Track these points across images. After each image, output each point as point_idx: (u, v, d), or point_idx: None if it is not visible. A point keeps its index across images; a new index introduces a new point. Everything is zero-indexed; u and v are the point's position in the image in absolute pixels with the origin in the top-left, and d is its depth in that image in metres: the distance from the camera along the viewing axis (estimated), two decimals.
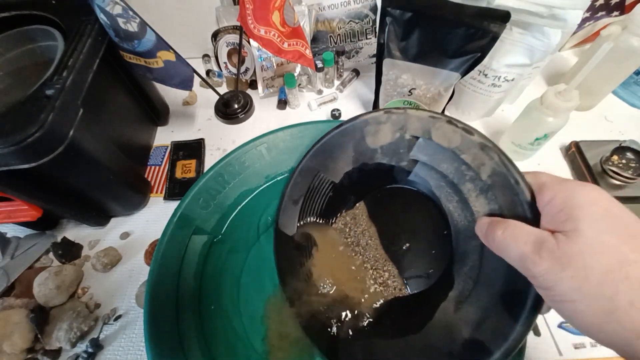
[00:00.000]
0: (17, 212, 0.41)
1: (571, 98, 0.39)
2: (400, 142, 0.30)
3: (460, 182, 0.28)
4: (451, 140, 0.27)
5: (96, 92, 0.38)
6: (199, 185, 0.38)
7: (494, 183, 0.25)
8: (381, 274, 0.33)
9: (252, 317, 0.35)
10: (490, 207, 0.25)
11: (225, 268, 0.38)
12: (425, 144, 0.29)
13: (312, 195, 0.35)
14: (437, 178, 0.30)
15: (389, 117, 0.29)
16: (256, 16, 0.44)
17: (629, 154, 0.44)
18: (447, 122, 0.27)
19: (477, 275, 0.27)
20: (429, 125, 0.28)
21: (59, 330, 0.36)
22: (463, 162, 0.27)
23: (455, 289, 0.29)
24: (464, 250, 0.29)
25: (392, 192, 0.34)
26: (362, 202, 0.36)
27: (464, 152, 0.26)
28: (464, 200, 0.28)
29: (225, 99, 0.57)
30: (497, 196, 0.24)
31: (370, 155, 0.32)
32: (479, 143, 0.25)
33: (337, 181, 0.34)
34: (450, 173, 0.28)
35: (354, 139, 0.32)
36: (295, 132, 0.42)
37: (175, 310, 0.33)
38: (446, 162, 0.28)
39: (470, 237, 0.28)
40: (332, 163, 0.34)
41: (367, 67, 0.62)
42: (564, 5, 0.38)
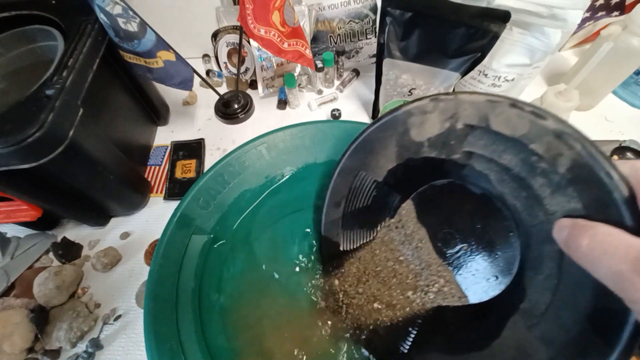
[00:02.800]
0: (17, 212, 0.41)
1: (571, 98, 0.39)
2: (451, 132, 0.26)
3: (529, 176, 0.23)
4: (516, 128, 0.22)
5: (96, 92, 0.38)
6: (199, 185, 0.38)
7: (575, 177, 0.20)
8: (435, 280, 0.30)
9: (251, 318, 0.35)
10: (571, 206, 0.20)
11: (225, 268, 0.38)
12: (483, 133, 0.25)
13: (355, 197, 0.32)
14: (499, 171, 0.25)
15: (436, 105, 0.25)
16: (256, 16, 0.44)
17: (629, 154, 0.44)
18: (510, 106, 0.22)
19: (555, 286, 0.22)
20: (486, 110, 0.24)
21: (59, 330, 0.36)
22: (533, 152, 0.22)
23: (527, 302, 0.24)
24: (537, 256, 0.24)
25: (443, 189, 0.30)
26: (409, 201, 0.32)
27: (534, 140, 0.22)
28: (535, 197, 0.23)
29: (225, 99, 0.57)
30: (581, 193, 0.20)
31: (415, 150, 0.28)
32: (554, 129, 0.21)
33: (381, 180, 0.31)
34: (516, 165, 0.24)
35: (396, 132, 0.28)
36: (295, 132, 0.42)
37: (175, 310, 0.33)
38: (510, 152, 0.24)
39: (544, 241, 0.23)
40: (374, 160, 0.30)
41: (367, 67, 0.62)
42: (564, 5, 0.38)
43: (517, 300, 0.25)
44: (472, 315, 0.28)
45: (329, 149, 0.42)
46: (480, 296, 0.28)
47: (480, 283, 0.28)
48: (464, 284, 0.29)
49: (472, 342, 0.27)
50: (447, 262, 0.30)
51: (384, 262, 0.33)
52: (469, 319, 0.28)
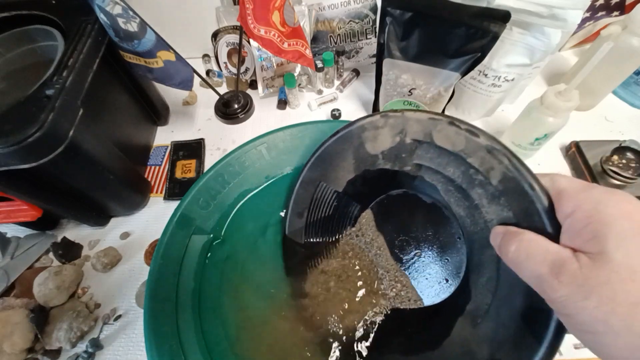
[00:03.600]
0: (17, 212, 0.41)
1: (571, 98, 0.39)
2: (401, 146, 0.28)
3: (469, 187, 0.26)
4: (455, 143, 0.25)
5: (96, 92, 0.38)
6: (199, 185, 0.38)
7: (505, 189, 0.22)
8: (393, 285, 0.32)
9: (252, 317, 0.35)
10: (504, 214, 0.23)
11: (225, 268, 0.38)
12: (428, 148, 0.27)
13: (317, 206, 0.34)
14: (445, 182, 0.28)
15: (386, 121, 0.28)
16: (256, 16, 0.44)
17: (629, 154, 0.44)
18: (449, 124, 0.25)
19: (495, 288, 0.25)
20: (429, 127, 0.26)
21: (59, 330, 0.36)
22: (470, 165, 0.24)
23: (473, 303, 0.26)
24: (479, 260, 0.26)
25: (398, 198, 0.33)
26: (368, 210, 0.34)
27: (471, 155, 0.24)
28: (475, 206, 0.25)
29: (225, 99, 0.57)
30: (511, 203, 0.22)
31: (371, 162, 0.31)
32: (486, 146, 0.23)
33: (341, 190, 0.33)
34: (458, 177, 0.26)
35: (352, 145, 0.30)
36: (295, 132, 0.42)
37: (175, 310, 0.33)
38: (452, 165, 0.26)
39: (485, 246, 0.25)
40: (333, 172, 0.32)
41: (367, 67, 0.62)
42: (564, 5, 0.38)
43: (464, 301, 0.27)
44: (427, 317, 0.30)
45: None
46: (433, 299, 0.30)
47: (433, 286, 0.30)
48: (419, 287, 0.31)
49: (426, 342, 0.29)
50: (404, 267, 0.32)
51: (346, 268, 0.34)
52: (424, 321, 0.30)
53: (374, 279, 0.33)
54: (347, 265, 0.34)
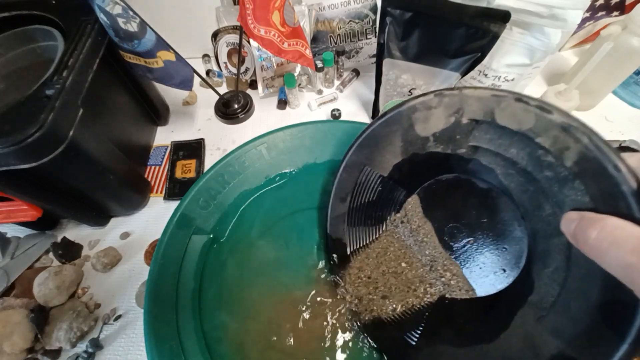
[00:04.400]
0: (17, 212, 0.41)
1: (571, 98, 0.39)
2: (456, 127, 0.26)
3: (536, 170, 0.23)
4: (522, 122, 0.23)
5: (96, 92, 0.38)
6: (199, 185, 0.38)
7: (583, 170, 0.20)
8: (442, 274, 0.30)
9: (252, 317, 0.35)
10: (579, 199, 0.21)
11: (225, 268, 0.38)
12: (488, 128, 0.25)
13: (360, 192, 0.33)
14: (505, 165, 0.26)
15: (440, 100, 0.26)
16: (256, 16, 0.44)
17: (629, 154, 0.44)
18: (515, 100, 0.22)
19: (563, 279, 0.23)
20: (491, 105, 0.24)
21: (59, 330, 0.36)
22: (539, 146, 0.22)
23: (536, 294, 0.25)
24: (544, 249, 0.24)
25: (449, 183, 0.30)
26: (414, 196, 0.32)
27: (540, 134, 0.22)
28: (542, 190, 0.23)
29: (225, 99, 0.57)
30: (589, 186, 0.20)
31: (421, 145, 0.29)
32: (561, 123, 0.21)
33: (386, 174, 0.32)
34: (522, 159, 0.24)
35: (401, 127, 0.28)
36: (295, 132, 0.42)
37: (175, 310, 0.33)
38: (516, 146, 0.24)
39: (552, 234, 0.23)
40: (379, 155, 0.31)
41: (367, 67, 0.62)
42: (564, 5, 0.38)
43: (525, 292, 0.25)
44: (481, 308, 0.29)
45: (329, 149, 0.42)
46: (487, 289, 0.28)
47: (487, 276, 0.29)
48: (471, 277, 0.29)
49: (481, 334, 0.27)
50: (454, 255, 0.30)
51: (391, 256, 0.33)
52: (477, 312, 0.29)
53: (419, 267, 0.32)
54: (393, 253, 0.33)
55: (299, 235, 0.39)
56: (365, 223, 0.34)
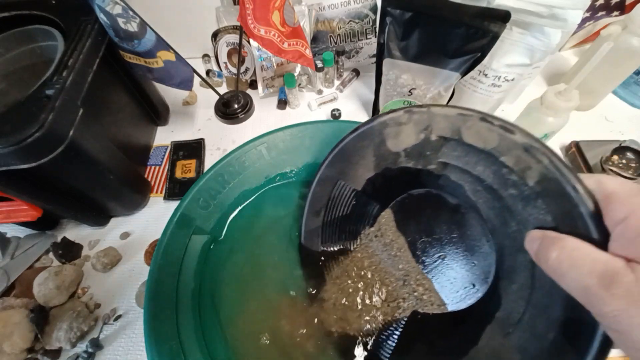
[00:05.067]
0: (17, 212, 0.41)
1: (571, 98, 0.39)
2: (426, 143, 0.27)
3: (501, 188, 0.24)
4: (487, 141, 0.23)
5: (96, 92, 0.38)
6: (199, 185, 0.38)
7: (544, 190, 0.21)
8: (414, 288, 0.30)
9: (252, 318, 0.35)
10: (541, 217, 0.21)
11: (225, 268, 0.38)
12: (456, 145, 0.25)
13: (334, 205, 0.33)
14: (473, 182, 0.26)
15: (410, 117, 0.26)
16: (256, 16, 0.44)
17: (629, 154, 0.44)
18: (480, 120, 0.23)
19: (529, 295, 0.23)
20: (458, 124, 0.24)
21: (59, 330, 0.36)
22: (503, 165, 0.23)
23: (503, 310, 0.25)
24: (510, 266, 0.25)
25: (421, 198, 0.31)
26: (388, 210, 0.33)
27: (504, 153, 0.22)
28: (507, 208, 0.23)
29: (225, 99, 0.57)
30: (550, 206, 0.20)
31: (393, 160, 0.29)
32: (523, 144, 0.21)
33: (360, 189, 0.32)
34: (488, 177, 0.24)
35: (373, 142, 0.29)
36: (295, 132, 0.42)
37: (175, 310, 0.33)
38: (482, 164, 0.24)
39: (518, 251, 0.24)
40: (352, 170, 0.31)
41: (367, 67, 0.62)
42: (564, 5, 0.38)
43: (493, 308, 0.25)
44: (452, 323, 0.29)
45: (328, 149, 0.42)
46: (458, 304, 0.29)
47: (458, 291, 0.29)
48: (442, 292, 0.30)
49: (451, 349, 0.27)
50: (426, 270, 0.31)
51: (364, 270, 0.33)
52: (448, 327, 0.29)
53: (393, 281, 0.32)
54: (366, 267, 0.33)
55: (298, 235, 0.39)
56: (339, 237, 0.34)
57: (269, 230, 0.40)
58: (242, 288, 0.37)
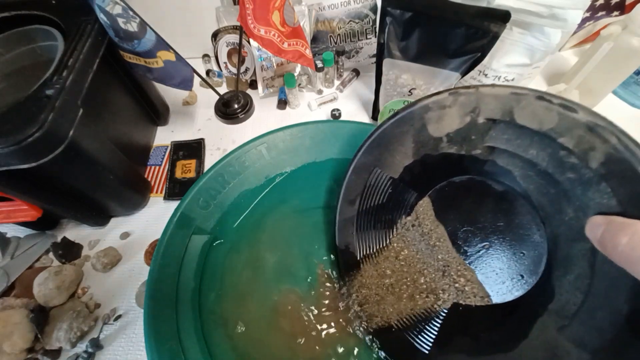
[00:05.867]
0: (17, 212, 0.41)
1: (571, 98, 0.39)
2: (471, 127, 0.25)
3: (557, 172, 0.22)
4: (544, 121, 0.22)
5: (96, 92, 0.38)
6: (199, 185, 0.38)
7: (609, 172, 0.19)
8: (455, 280, 0.29)
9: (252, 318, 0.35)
10: (605, 202, 0.20)
11: (225, 268, 0.38)
12: (506, 128, 0.24)
13: (370, 194, 0.32)
14: (524, 167, 0.25)
15: (455, 99, 0.25)
16: (256, 16, 0.44)
17: None
18: (536, 98, 0.22)
19: (587, 286, 0.22)
20: (511, 104, 0.23)
21: (59, 330, 0.36)
22: (562, 146, 0.21)
23: (557, 302, 0.24)
24: (566, 255, 0.23)
25: (462, 185, 0.29)
26: (426, 198, 0.31)
27: (563, 134, 0.21)
28: (564, 193, 0.22)
29: (225, 99, 0.57)
30: (616, 189, 0.19)
31: (433, 145, 0.28)
32: (586, 122, 0.20)
33: (397, 176, 0.30)
34: (543, 160, 0.23)
35: (413, 128, 0.27)
36: (295, 132, 0.42)
37: (175, 310, 0.33)
38: (536, 147, 0.23)
39: (575, 239, 0.22)
40: (390, 157, 0.30)
41: (367, 67, 0.62)
42: (564, 5, 0.38)
43: (545, 300, 0.24)
44: (498, 316, 0.28)
45: (329, 149, 0.42)
46: (504, 296, 0.27)
47: (504, 282, 0.28)
48: (486, 283, 0.28)
49: (498, 344, 0.26)
50: (468, 260, 0.29)
51: (402, 261, 0.32)
52: (494, 320, 0.28)
53: (432, 272, 0.31)
54: (404, 258, 0.32)
55: (299, 235, 0.39)
56: (375, 227, 0.33)
57: (270, 230, 0.40)
58: (243, 288, 0.37)
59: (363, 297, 0.33)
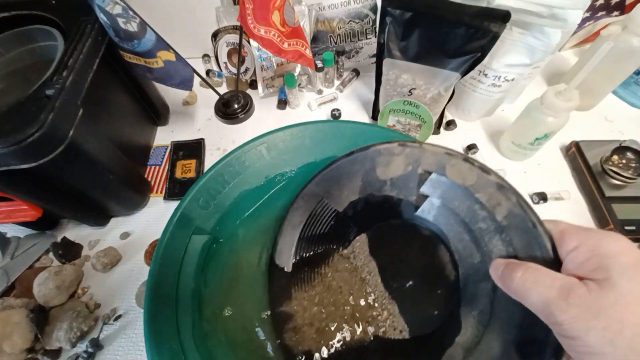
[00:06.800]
0: (17, 212, 0.41)
1: (571, 98, 0.39)
2: (411, 175, 0.29)
3: (472, 222, 0.27)
4: (466, 178, 0.26)
5: (96, 92, 0.38)
6: (199, 185, 0.38)
7: (509, 224, 0.24)
8: (379, 313, 0.32)
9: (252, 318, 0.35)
10: (505, 249, 0.24)
11: (225, 268, 0.38)
12: (438, 180, 0.28)
13: (313, 222, 0.34)
14: (447, 215, 0.29)
15: (403, 149, 0.29)
16: (256, 16, 0.44)
17: (629, 154, 0.44)
18: (463, 160, 0.26)
19: (487, 320, 0.25)
20: (444, 161, 0.27)
21: (59, 330, 0.36)
22: (477, 201, 0.26)
23: (463, 335, 0.27)
24: (472, 293, 0.27)
25: (396, 227, 0.33)
26: (363, 234, 0.34)
27: (479, 191, 0.26)
28: (476, 240, 0.27)
29: (225, 99, 0.57)
30: (513, 238, 0.24)
31: (378, 187, 0.31)
32: (496, 183, 0.25)
33: (341, 210, 0.33)
34: (462, 211, 0.27)
35: (363, 168, 0.31)
36: (295, 132, 0.42)
37: (175, 310, 0.33)
38: (458, 199, 0.27)
39: (480, 280, 0.26)
40: (338, 190, 0.33)
41: (367, 67, 0.62)
42: (564, 5, 0.38)
43: (453, 333, 0.28)
44: (413, 347, 0.30)
45: (329, 149, 0.42)
46: (421, 330, 0.30)
47: (421, 317, 0.30)
48: (406, 317, 0.31)
49: None
50: (393, 295, 0.32)
51: (333, 291, 0.34)
52: (409, 350, 0.30)
53: (359, 304, 0.33)
54: (335, 288, 0.34)
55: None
56: (314, 254, 0.35)
57: (270, 230, 0.40)
58: (243, 288, 0.37)
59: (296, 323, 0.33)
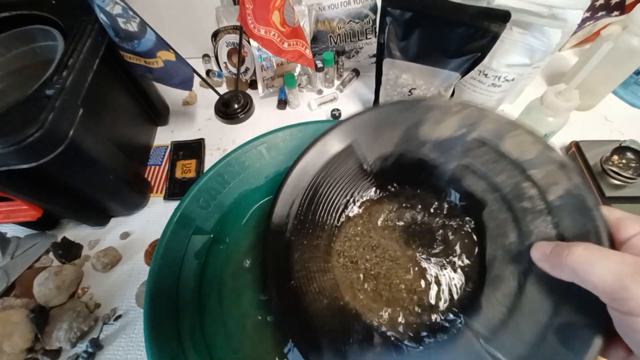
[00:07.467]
0: (17, 212, 0.41)
1: (571, 98, 0.39)
2: (459, 140, 0.26)
3: (515, 199, 0.24)
4: (524, 152, 0.24)
5: (96, 92, 0.38)
6: (199, 185, 0.38)
7: (562, 205, 0.22)
8: (396, 284, 0.30)
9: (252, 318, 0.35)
10: (550, 231, 0.22)
11: (225, 268, 0.38)
12: (488, 150, 0.26)
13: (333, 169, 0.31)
14: (486, 190, 0.26)
15: (462, 108, 0.26)
16: (256, 16, 0.44)
17: (629, 154, 0.44)
18: (527, 133, 0.24)
19: (512, 303, 0.24)
20: (504, 130, 0.25)
21: (59, 330, 0.36)
22: (529, 177, 0.24)
23: (483, 316, 0.25)
24: (497, 274, 0.25)
25: (421, 194, 0.30)
26: (383, 194, 0.32)
27: (536, 167, 0.23)
28: (516, 219, 0.24)
29: (225, 99, 0.57)
30: (563, 221, 0.22)
31: (417, 146, 0.28)
32: (560, 161, 0.23)
33: (368, 160, 0.30)
34: (507, 187, 0.25)
35: (410, 120, 0.28)
36: (295, 132, 0.42)
37: (175, 310, 0.33)
38: (506, 174, 0.25)
39: (509, 262, 0.24)
40: (372, 137, 0.29)
41: (367, 67, 0.62)
42: (564, 5, 0.38)
43: (473, 314, 0.26)
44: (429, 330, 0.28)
45: None
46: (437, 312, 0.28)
47: (441, 295, 0.29)
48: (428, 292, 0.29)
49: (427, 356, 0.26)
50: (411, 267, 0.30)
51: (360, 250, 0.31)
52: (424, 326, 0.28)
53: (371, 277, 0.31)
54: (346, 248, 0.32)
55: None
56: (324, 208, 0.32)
57: None
58: (243, 288, 0.37)
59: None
